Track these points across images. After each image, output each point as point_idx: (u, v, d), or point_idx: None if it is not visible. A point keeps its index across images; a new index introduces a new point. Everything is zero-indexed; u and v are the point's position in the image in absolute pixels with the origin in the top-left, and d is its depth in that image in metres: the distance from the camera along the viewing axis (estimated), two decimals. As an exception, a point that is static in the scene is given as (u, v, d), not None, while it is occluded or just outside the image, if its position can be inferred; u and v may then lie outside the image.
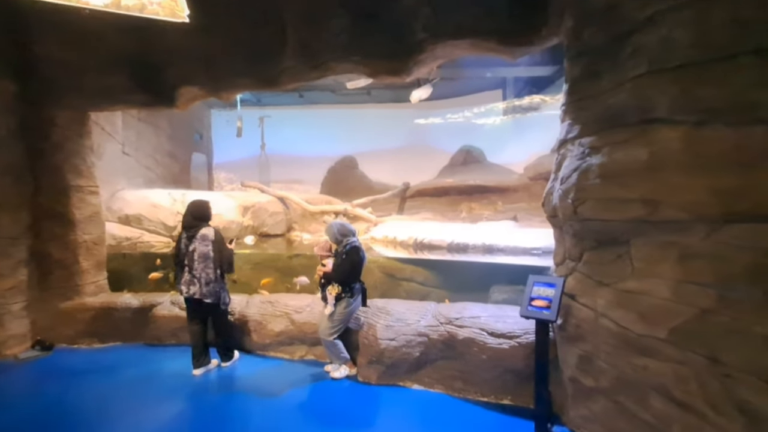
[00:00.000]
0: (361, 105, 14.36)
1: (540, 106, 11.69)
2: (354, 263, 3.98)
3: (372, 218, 9.59)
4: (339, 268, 3.95)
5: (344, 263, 3.94)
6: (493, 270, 5.72)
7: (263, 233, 9.85)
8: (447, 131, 14.05)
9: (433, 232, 6.95)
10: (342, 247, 4.00)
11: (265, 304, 5.23)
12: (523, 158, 12.13)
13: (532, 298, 3.00)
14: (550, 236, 6.25)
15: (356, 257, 4.00)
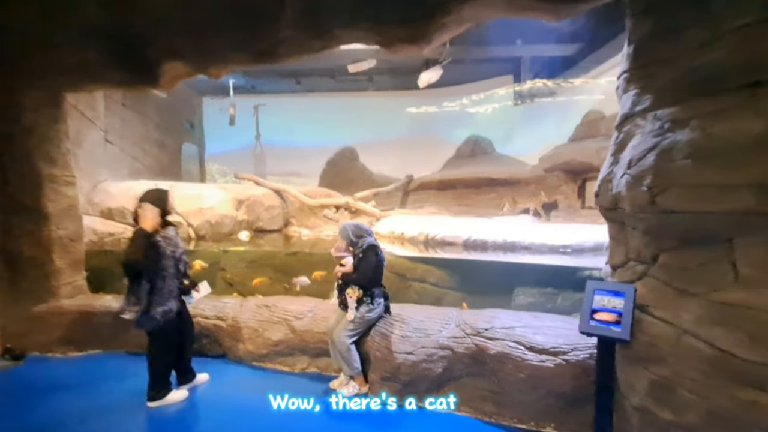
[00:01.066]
0: (362, 93, 13.75)
1: (556, 91, 11.11)
2: (372, 263, 3.59)
3: (376, 212, 9.04)
4: (358, 269, 3.60)
5: (362, 263, 3.58)
6: (516, 270, 5.20)
7: (259, 228, 9.30)
8: (453, 120, 13.48)
9: (446, 228, 6.39)
10: (358, 248, 3.63)
11: (262, 309, 4.69)
12: (536, 149, 11.57)
13: (594, 310, 2.47)
14: (581, 232, 5.85)
15: (373, 257, 3.60)
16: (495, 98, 12.62)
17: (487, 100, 12.70)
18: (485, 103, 12.79)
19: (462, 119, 13.42)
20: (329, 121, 14.00)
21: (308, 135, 14.14)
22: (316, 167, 13.89)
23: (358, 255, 3.63)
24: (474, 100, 13.01)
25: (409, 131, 13.96)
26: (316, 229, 9.88)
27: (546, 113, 11.64)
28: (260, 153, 14.30)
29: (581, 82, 10.51)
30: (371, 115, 13.85)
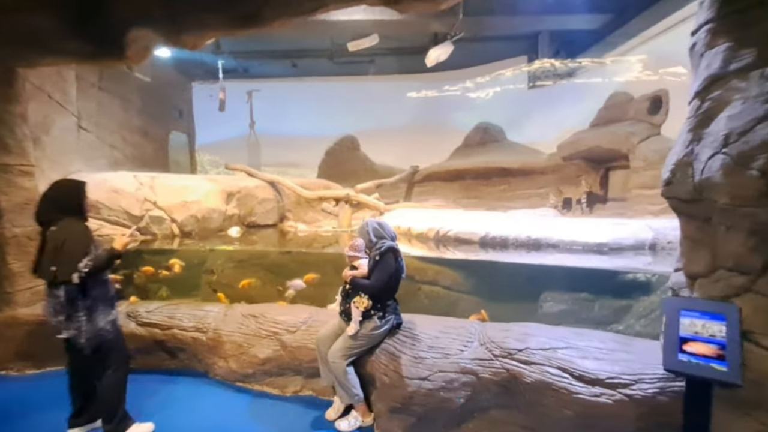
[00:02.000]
0: (363, 77, 13.06)
1: (576, 72, 10.37)
2: (389, 269, 3.10)
3: (379, 205, 8.44)
4: (374, 274, 3.11)
5: (378, 268, 3.10)
6: (543, 272, 4.60)
7: (251, 223, 8.71)
8: (461, 106, 12.81)
9: (460, 223, 5.78)
10: (376, 249, 3.16)
11: (248, 320, 4.12)
12: (552, 136, 10.92)
13: (683, 338, 1.87)
14: (618, 227, 5.02)
15: (392, 261, 3.11)
16: (507, 80, 11.92)
17: (498, 83, 12.00)
18: (496, 86, 12.09)
19: (471, 105, 12.74)
20: (328, 108, 13.35)
21: (306, 123, 13.50)
22: (314, 157, 13.28)
23: (374, 258, 3.12)
24: (484, 83, 12.31)
25: (414, 118, 13.30)
26: (315, 224, 9.29)
27: (563, 97, 10.95)
28: (254, 142, 13.68)
29: (606, 60, 9.76)
30: (373, 101, 13.19)
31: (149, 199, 7.26)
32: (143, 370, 4.20)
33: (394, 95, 13.17)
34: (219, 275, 5.99)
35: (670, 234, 4.78)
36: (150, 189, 7.42)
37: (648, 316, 3.92)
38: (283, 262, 6.43)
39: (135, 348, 4.41)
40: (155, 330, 4.41)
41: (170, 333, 4.35)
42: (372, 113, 13.28)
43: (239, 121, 13.68)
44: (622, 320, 4.00)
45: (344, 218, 8.07)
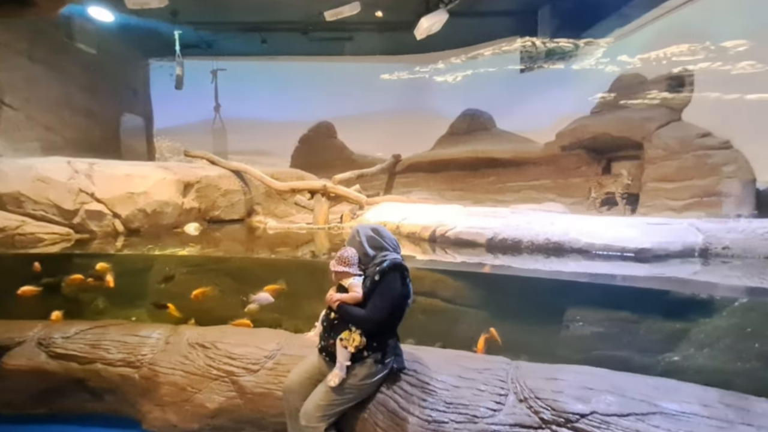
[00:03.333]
0: (340, 58, 11.94)
1: (574, 54, 9.58)
2: (393, 295, 2.24)
3: (360, 198, 7.48)
4: (372, 301, 2.23)
5: (377, 293, 2.22)
6: (570, 283, 3.78)
7: (213, 218, 7.57)
8: (447, 91, 11.90)
9: (461, 221, 4.88)
10: (373, 266, 2.28)
11: (196, 352, 3.11)
12: (546, 124, 10.16)
13: None
14: (659, 228, 4.12)
15: (397, 284, 2.25)
16: (498, 62, 11.07)
17: (488, 64, 11.14)
18: (486, 69, 11.24)
19: (457, 89, 11.84)
20: (302, 91, 12.13)
21: (277, 107, 12.23)
22: (286, 145, 12.11)
23: (372, 277, 2.24)
24: (473, 65, 11.43)
25: (396, 103, 12.28)
26: (287, 219, 8.22)
27: (560, 81, 10.16)
28: (220, 127, 12.34)
29: (611, 39, 8.94)
30: (351, 85, 12.07)
31: (85, 190, 6.03)
32: (56, 417, 3.16)
33: (374, 78, 12.08)
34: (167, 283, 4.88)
35: (725, 238, 3.99)
36: (87, 178, 6.17)
37: (714, 345, 3.11)
38: (248, 267, 5.38)
39: (47, 388, 3.37)
40: (72, 364, 3.34)
41: (92, 369, 3.30)
42: (350, 98, 12.18)
43: (203, 104, 12.30)
44: (678, 349, 3.20)
45: (320, 213, 7.08)
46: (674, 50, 7.80)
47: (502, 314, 3.94)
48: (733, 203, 6.14)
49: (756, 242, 3.93)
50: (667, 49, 7.87)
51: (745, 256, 3.86)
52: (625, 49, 8.82)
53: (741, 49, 7.23)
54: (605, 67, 9.09)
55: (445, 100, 12.10)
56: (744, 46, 7.11)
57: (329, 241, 6.68)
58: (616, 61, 8.92)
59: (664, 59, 7.94)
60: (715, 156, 6.71)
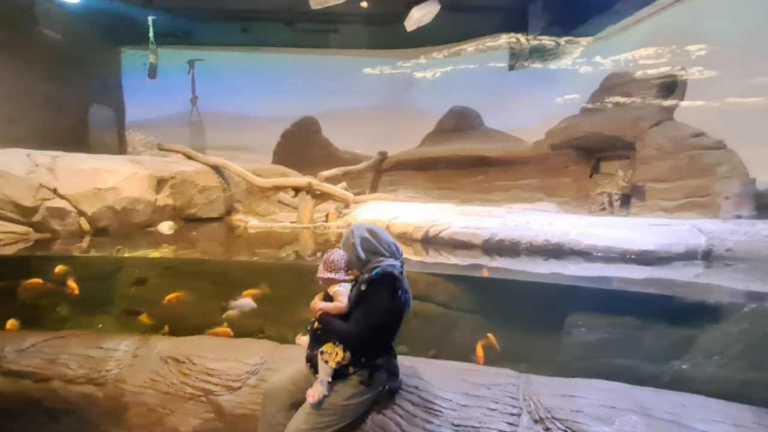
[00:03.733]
0: (326, 51, 11.58)
1: (566, 51, 9.50)
2: (382, 308, 2.00)
3: (347, 196, 7.20)
4: (355, 314, 2.01)
5: (364, 305, 1.99)
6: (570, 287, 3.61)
7: (190, 216, 7.17)
8: (435, 87, 11.72)
9: (457, 221, 4.68)
10: (366, 272, 2.04)
11: (168, 367, 2.80)
12: (534, 123, 10.10)
13: None
14: (661, 230, 4.01)
15: (386, 296, 1.99)
16: (485, 59, 10.95)
17: (475, 61, 11.01)
18: (472, 64, 11.10)
19: (445, 86, 11.68)
20: (285, 85, 11.68)
21: (259, 101, 11.73)
22: (268, 140, 11.66)
23: (359, 286, 2.01)
24: (460, 61, 11.28)
25: (382, 99, 12.00)
26: (269, 217, 7.88)
27: (548, 79, 10.11)
28: (197, 121, 11.80)
29: (601, 36, 8.88)
30: (336, 79, 11.70)
31: (47, 186, 5.56)
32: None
33: (358, 73, 11.80)
34: (137, 288, 4.51)
35: (728, 239, 3.91)
36: (49, 172, 5.71)
37: (724, 352, 3.02)
38: (227, 269, 5.05)
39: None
40: (26, 382, 2.98)
41: (49, 387, 2.94)
42: (334, 92, 11.81)
43: (179, 96, 11.72)
44: (686, 357, 3.09)
45: (305, 211, 6.77)
46: (665, 49, 7.79)
47: (499, 320, 3.77)
48: (732, 204, 6.00)
49: (760, 244, 3.87)
50: (658, 47, 7.86)
51: (749, 259, 3.78)
52: (615, 48, 8.80)
53: (729, 50, 7.27)
54: (595, 65, 9.08)
55: (432, 97, 11.90)
56: (732, 47, 7.15)
57: (314, 241, 6.41)
58: (607, 59, 8.90)
59: (655, 58, 7.93)
60: (709, 156, 6.69)
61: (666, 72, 7.54)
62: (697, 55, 7.48)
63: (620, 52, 8.67)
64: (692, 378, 2.95)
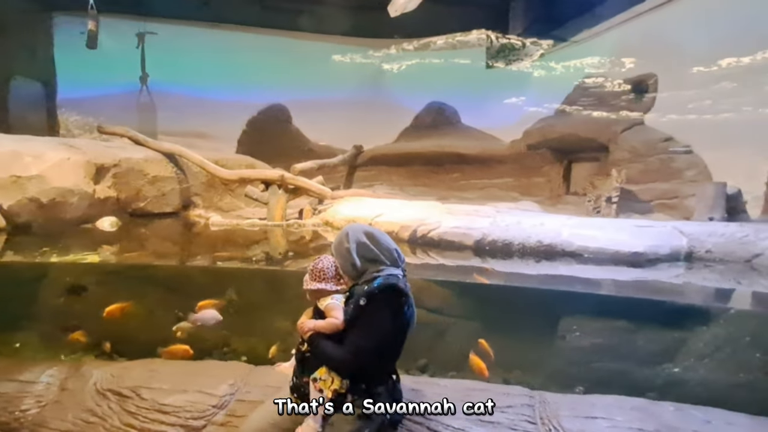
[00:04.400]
0: (298, 34, 10.83)
1: (531, 53, 9.53)
2: (383, 328, 1.68)
3: (325, 191, 6.57)
4: (352, 335, 1.69)
5: (362, 323, 1.68)
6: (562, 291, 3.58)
7: (138, 211, 6.23)
8: (412, 81, 11.36)
9: (446, 220, 4.34)
10: (362, 285, 1.72)
11: (108, 402, 2.16)
12: (511, 121, 10.08)
13: None
14: (648, 231, 4.09)
15: (386, 313, 1.68)
16: (464, 56, 10.74)
17: (454, 56, 10.77)
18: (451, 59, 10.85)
19: (423, 80, 11.36)
20: (251, 67, 10.80)
21: (220, 83, 10.78)
22: (232, 128, 10.72)
23: (357, 301, 1.69)
24: (437, 56, 10.99)
25: (356, 90, 11.47)
26: (234, 213, 7.08)
27: (525, 80, 10.12)
28: (148, 102, 10.61)
29: (574, 41, 8.99)
30: (309, 66, 11.01)
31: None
32: None
33: (335, 60, 11.17)
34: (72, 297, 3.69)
35: (707, 241, 4.00)
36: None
37: (713, 355, 3.04)
38: (188, 273, 4.31)
39: None
40: None
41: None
42: (305, 79, 11.10)
43: (126, 73, 10.50)
44: (677, 359, 3.10)
45: (277, 207, 6.07)
46: (638, 55, 8.04)
47: (492, 322, 3.52)
48: (705, 207, 6.27)
49: (735, 246, 4.03)
50: (631, 53, 8.10)
51: (727, 260, 3.94)
52: (590, 52, 8.96)
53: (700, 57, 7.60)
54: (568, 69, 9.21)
55: (408, 91, 11.56)
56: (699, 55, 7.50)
57: (287, 240, 5.76)
58: (581, 62, 9.04)
59: (628, 63, 8.17)
60: (678, 160, 7.05)
61: (638, 77, 7.81)
62: (666, 62, 7.81)
63: (595, 56, 8.87)
64: (684, 381, 2.96)
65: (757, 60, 7.65)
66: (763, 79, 7.42)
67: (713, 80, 7.86)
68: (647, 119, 8.06)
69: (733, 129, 7.62)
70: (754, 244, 3.94)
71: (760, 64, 7.56)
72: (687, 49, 8.10)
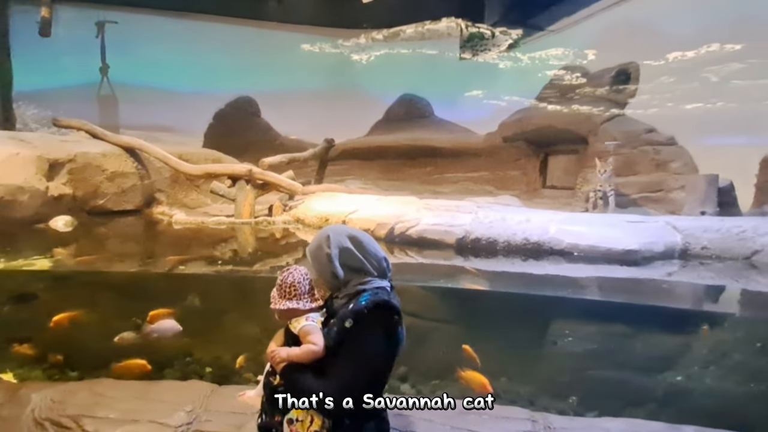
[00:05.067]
0: (266, 23, 10.43)
1: (499, 43, 9.41)
2: (377, 353, 1.42)
3: (296, 186, 6.37)
4: (337, 363, 1.40)
5: (351, 350, 1.40)
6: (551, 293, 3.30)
7: (96, 209, 5.89)
8: (383, 72, 11.10)
9: (425, 217, 4.16)
10: (345, 299, 1.47)
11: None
12: (485, 115, 9.98)
13: None
14: (639, 227, 3.91)
15: (378, 339, 1.41)
16: (436, 46, 10.58)
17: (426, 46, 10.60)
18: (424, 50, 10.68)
19: (394, 72, 11.12)
20: (217, 58, 10.23)
21: (185, 74, 10.17)
22: (197, 121, 10.28)
23: (342, 322, 1.41)
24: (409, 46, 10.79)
25: (329, 82, 11.16)
26: (200, 210, 6.79)
27: (500, 71, 9.99)
28: (109, 95, 10.04)
29: (551, 30, 8.88)
30: (278, 55, 10.59)
31: None
32: None
33: (304, 50, 10.80)
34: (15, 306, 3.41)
35: (702, 237, 3.80)
36: None
37: (720, 362, 2.88)
38: (147, 277, 4.07)
39: None
40: None
41: None
42: (274, 70, 10.67)
43: (85, 64, 9.88)
44: (678, 367, 2.91)
45: (245, 204, 5.85)
46: (618, 44, 7.92)
47: (474, 326, 3.36)
48: (696, 200, 5.94)
49: (732, 242, 3.84)
50: (611, 42, 7.98)
51: (724, 257, 3.73)
52: (568, 41, 8.85)
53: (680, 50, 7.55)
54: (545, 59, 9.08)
55: (379, 83, 11.31)
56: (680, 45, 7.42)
57: (256, 238, 5.55)
58: (558, 52, 8.93)
59: (608, 52, 8.04)
60: (662, 152, 6.84)
61: (619, 67, 7.65)
62: (647, 51, 7.69)
63: (573, 46, 8.75)
64: (689, 390, 2.78)
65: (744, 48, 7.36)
66: (751, 68, 7.16)
67: (696, 69, 7.60)
68: (629, 110, 7.76)
69: (721, 120, 7.38)
70: (752, 240, 3.73)
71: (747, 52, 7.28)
72: (669, 38, 7.87)
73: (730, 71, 7.45)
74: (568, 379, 2.94)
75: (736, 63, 7.37)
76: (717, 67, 7.57)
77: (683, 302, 3.70)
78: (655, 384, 2.80)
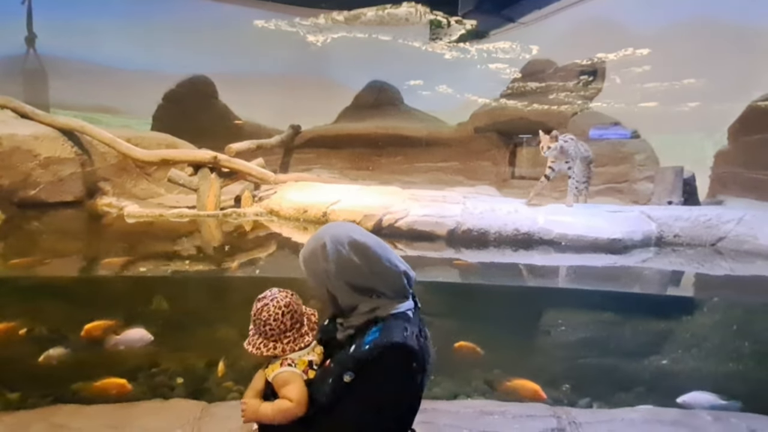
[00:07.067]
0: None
1: (487, 34, 9.39)
2: (388, 404, 1.02)
3: (267, 175, 5.87)
4: (327, 427, 1.03)
5: (347, 414, 1.00)
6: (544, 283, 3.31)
7: (27, 200, 5.07)
8: (352, 58, 10.71)
9: (415, 209, 3.96)
10: (348, 329, 1.08)
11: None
12: (454, 105, 9.93)
13: None
14: (617, 217, 4.10)
15: (387, 394, 1.02)
16: (406, 34, 10.32)
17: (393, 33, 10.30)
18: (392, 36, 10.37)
19: (363, 58, 10.76)
20: (166, 32, 9.39)
21: (128, 49, 9.20)
22: (145, 102, 9.30)
23: (340, 375, 1.02)
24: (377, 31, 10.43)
25: (293, 67, 10.58)
26: (154, 201, 6.08)
27: (469, 61, 9.95)
28: (38, 69, 8.77)
29: (522, 23, 8.94)
30: (231, 30, 9.82)
31: None
32: None
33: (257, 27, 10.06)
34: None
35: (674, 225, 4.05)
36: None
37: (701, 345, 2.98)
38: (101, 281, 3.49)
39: None
40: None
41: None
42: (230, 48, 9.93)
43: (7, 34, 8.60)
44: (664, 350, 3.01)
45: (209, 194, 5.27)
46: (587, 39, 8.13)
47: (469, 319, 3.26)
48: (664, 190, 6.20)
49: (700, 230, 4.13)
50: (580, 36, 8.18)
51: (693, 244, 3.99)
52: (537, 34, 8.97)
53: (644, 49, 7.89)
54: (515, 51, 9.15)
55: (348, 68, 10.91)
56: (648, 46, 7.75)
57: (222, 232, 5.04)
58: (528, 45, 9.04)
59: (576, 46, 8.26)
60: (628, 144, 7.22)
61: (587, 61, 7.90)
62: (615, 46, 7.99)
63: (542, 39, 8.89)
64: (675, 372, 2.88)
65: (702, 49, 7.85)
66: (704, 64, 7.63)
67: (660, 63, 8.03)
68: (595, 104, 8.11)
69: (680, 114, 7.87)
70: (717, 227, 4.01)
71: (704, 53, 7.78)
72: (636, 32, 8.22)
73: (689, 70, 7.96)
74: (560, 368, 2.99)
75: (696, 62, 7.87)
76: (676, 67, 8.06)
77: (663, 289, 3.93)
78: (642, 368, 2.91)
